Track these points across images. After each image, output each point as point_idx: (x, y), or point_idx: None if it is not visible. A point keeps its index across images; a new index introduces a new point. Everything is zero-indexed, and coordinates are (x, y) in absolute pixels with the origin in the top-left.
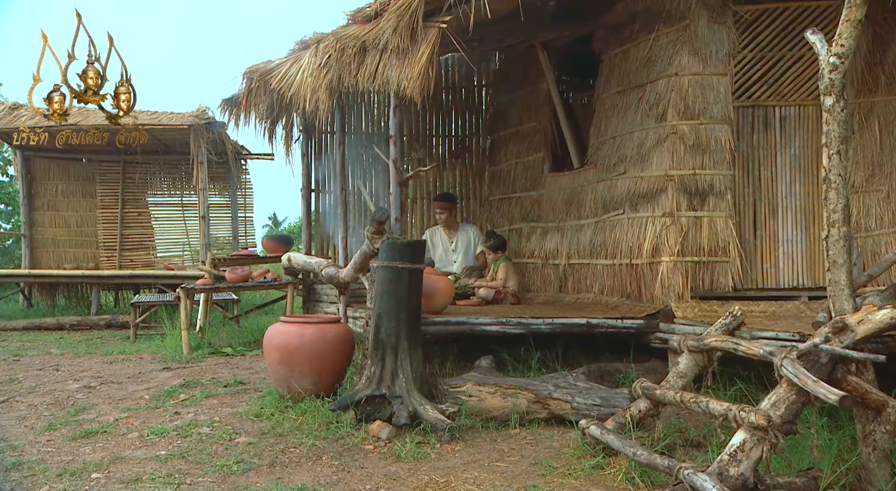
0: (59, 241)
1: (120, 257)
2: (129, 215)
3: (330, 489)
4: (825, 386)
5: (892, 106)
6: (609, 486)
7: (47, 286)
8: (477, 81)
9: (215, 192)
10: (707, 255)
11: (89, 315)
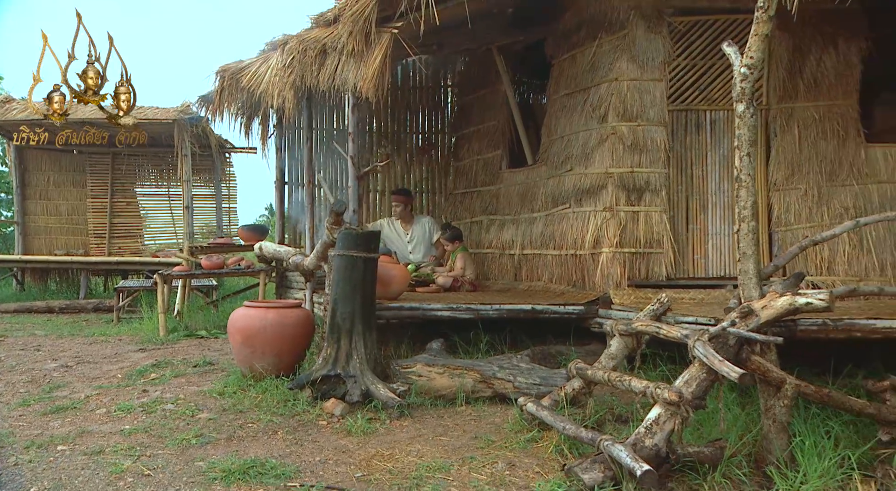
0: (51, 228)
1: (109, 245)
2: (118, 205)
3: (282, 461)
4: (729, 365)
5: (810, 112)
6: (540, 457)
7: (39, 271)
8: (443, 82)
9: (200, 183)
10: (643, 246)
11: (78, 299)
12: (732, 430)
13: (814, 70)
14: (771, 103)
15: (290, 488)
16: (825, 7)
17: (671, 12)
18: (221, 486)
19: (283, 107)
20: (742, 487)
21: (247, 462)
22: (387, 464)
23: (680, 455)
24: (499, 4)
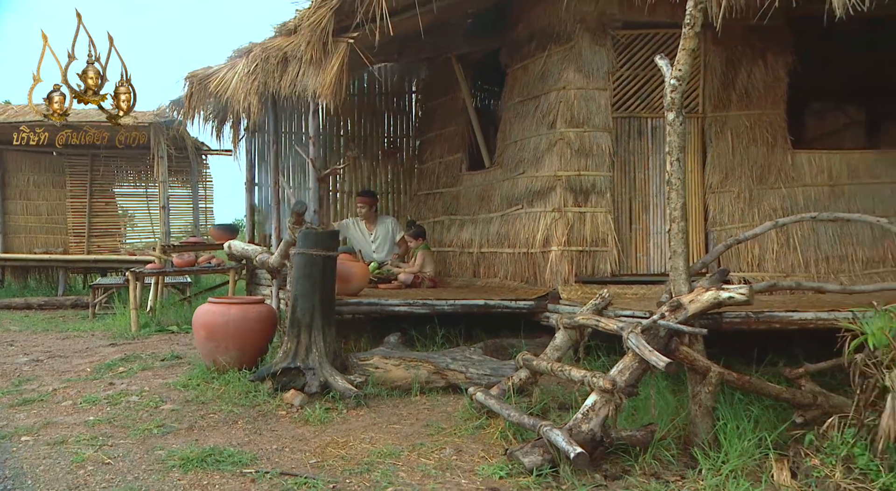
0: (31, 227)
1: (88, 243)
2: (97, 205)
3: (240, 449)
4: (657, 354)
5: (742, 120)
6: (486, 443)
7: (19, 269)
8: (408, 88)
9: (178, 184)
10: (589, 245)
11: (56, 296)
12: (663, 415)
13: (745, 82)
14: (706, 112)
15: (246, 475)
16: (754, 24)
17: (614, 26)
18: (179, 473)
19: (249, 111)
20: (669, 467)
21: (205, 450)
22: (341, 451)
23: (614, 439)
24: (455, 16)
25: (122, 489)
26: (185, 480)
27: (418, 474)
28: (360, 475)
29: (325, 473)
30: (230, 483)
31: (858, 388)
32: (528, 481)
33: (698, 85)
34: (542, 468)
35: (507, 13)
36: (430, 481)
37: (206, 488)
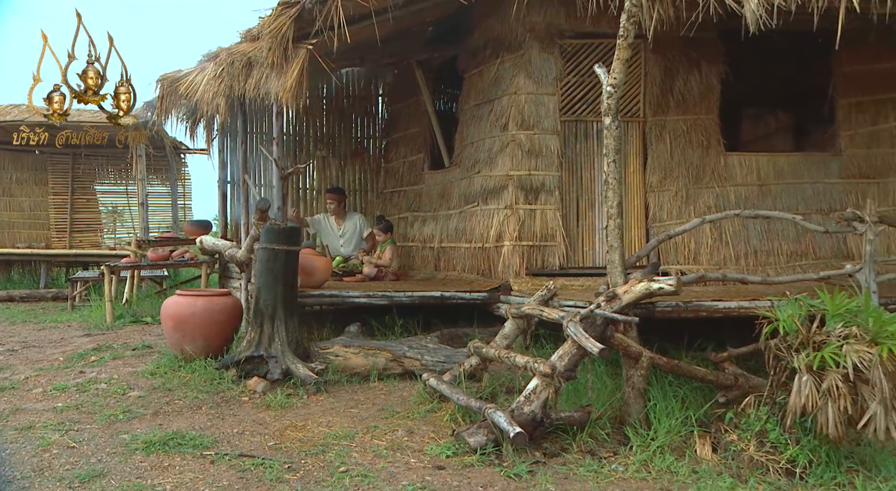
0: (14, 222)
1: (70, 238)
2: (79, 202)
3: (202, 433)
4: (592, 341)
5: (679, 124)
6: (437, 425)
7: (3, 263)
8: (374, 92)
9: (158, 182)
10: (539, 240)
11: (38, 289)
12: (600, 397)
13: (682, 89)
14: (647, 116)
15: (206, 457)
16: (689, 36)
17: (562, 36)
18: (142, 455)
19: (217, 113)
20: (604, 445)
21: (168, 434)
22: (299, 434)
23: (553, 419)
24: (415, 24)
25: (85, 471)
26: (146, 463)
27: (370, 455)
28: (315, 456)
29: (282, 455)
30: (190, 465)
31: (772, 369)
32: (473, 460)
33: (640, 91)
34: (485, 447)
35: (464, 22)
36: (381, 461)
37: (167, 470)
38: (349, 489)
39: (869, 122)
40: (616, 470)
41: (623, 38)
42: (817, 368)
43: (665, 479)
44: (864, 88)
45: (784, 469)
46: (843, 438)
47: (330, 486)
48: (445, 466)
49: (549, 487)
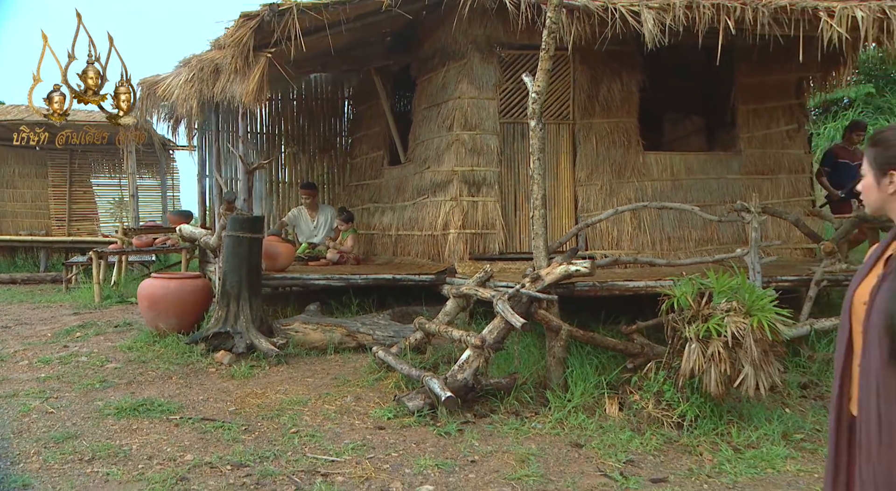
0: (17, 212)
1: (69, 227)
2: (76, 194)
3: (170, 400)
4: (516, 317)
5: (604, 126)
6: (382, 392)
7: (7, 248)
8: (341, 94)
9: (149, 175)
10: (481, 228)
11: (38, 272)
12: (526, 365)
13: (606, 95)
14: (576, 119)
15: (171, 420)
16: (611, 49)
17: (500, 47)
18: (113, 420)
19: (190, 113)
20: (528, 406)
21: (139, 401)
22: (258, 400)
23: (484, 385)
24: (371, 35)
25: (60, 433)
26: (117, 426)
27: (320, 418)
28: (270, 419)
29: (240, 418)
30: (157, 427)
31: (670, 339)
32: (411, 421)
33: (569, 98)
34: (422, 410)
35: (416, 34)
36: (329, 423)
37: (135, 432)
38: (297, 447)
39: (763, 127)
40: (535, 427)
41: (545, 51)
42: (704, 337)
43: (576, 433)
44: (758, 97)
45: (675, 423)
46: (723, 396)
47: (281, 445)
48: (386, 427)
49: (474, 443)
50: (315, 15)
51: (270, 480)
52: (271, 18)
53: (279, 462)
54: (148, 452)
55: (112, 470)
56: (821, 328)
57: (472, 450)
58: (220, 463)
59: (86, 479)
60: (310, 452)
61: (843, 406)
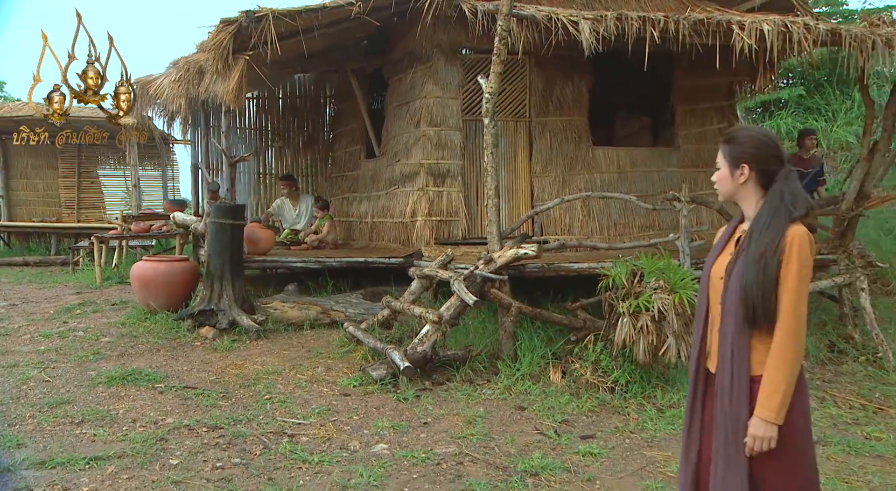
0: (30, 201)
1: (78, 214)
2: (84, 183)
3: (157, 370)
4: (469, 295)
5: (557, 124)
6: (351, 363)
7: (22, 234)
8: (323, 93)
9: (151, 167)
10: (446, 216)
11: (49, 255)
12: (480, 339)
13: (559, 95)
14: (532, 117)
15: (156, 388)
16: (563, 54)
17: (463, 51)
18: (103, 388)
19: (179, 111)
20: (481, 375)
21: (128, 371)
22: (237, 370)
23: (441, 356)
24: (346, 40)
25: (54, 399)
26: (106, 393)
27: (292, 386)
28: (247, 387)
29: (220, 386)
30: (142, 395)
31: (607, 314)
32: (374, 388)
33: (526, 98)
34: (385, 379)
35: (388, 38)
36: (300, 391)
37: (123, 398)
38: (269, 412)
39: (698, 125)
40: (485, 393)
41: (497, 56)
42: (635, 312)
43: (521, 398)
44: (694, 99)
45: (609, 387)
46: (651, 363)
47: (254, 410)
48: (351, 394)
49: (429, 407)
50: (289, 21)
51: (241, 440)
52: (248, 24)
53: (251, 425)
54: (133, 416)
55: (99, 431)
56: None
57: (426, 413)
58: (198, 425)
59: (74, 439)
60: (280, 416)
61: (700, 363)
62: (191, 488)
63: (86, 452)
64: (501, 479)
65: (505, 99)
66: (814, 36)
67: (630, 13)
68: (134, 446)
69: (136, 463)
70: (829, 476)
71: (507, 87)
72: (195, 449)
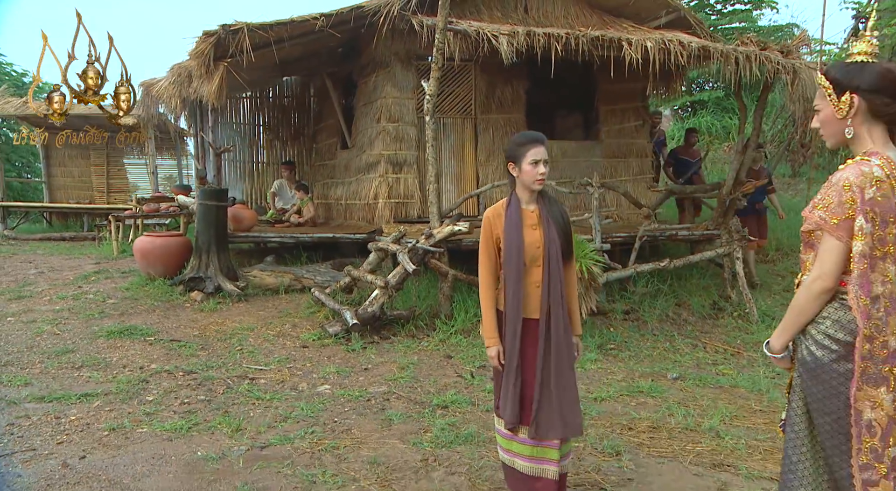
0: (67, 186)
1: (108, 197)
2: (112, 170)
3: (150, 327)
4: (410, 264)
5: (499, 121)
6: (314, 322)
7: (61, 214)
8: (308, 92)
9: (168, 157)
10: (403, 198)
11: (82, 232)
12: (423, 301)
13: (500, 96)
14: (477, 115)
15: (147, 340)
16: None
17: (417, 58)
18: (103, 340)
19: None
20: (422, 331)
21: (126, 327)
22: (217, 327)
23: (388, 316)
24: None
25: (60, 349)
26: (105, 344)
27: (261, 340)
28: (223, 341)
29: (200, 340)
30: (135, 346)
31: None
32: (329, 342)
33: (472, 98)
34: (339, 334)
35: (357, 46)
36: (266, 343)
37: (118, 348)
38: (237, 360)
39: (618, 122)
40: (422, 345)
41: (435, 64)
42: None
43: (451, 349)
44: (614, 100)
45: None
46: None
47: (225, 358)
48: (309, 346)
49: (372, 356)
50: (262, 33)
51: (209, 382)
52: (226, 36)
53: (220, 370)
54: (123, 363)
55: (93, 374)
56: (642, 271)
57: (369, 361)
58: (176, 370)
59: (72, 380)
60: (245, 364)
61: (519, 313)
62: (159, 418)
63: (79, 390)
64: (417, 411)
65: (454, 100)
66: (688, 51)
67: (537, 30)
68: (119, 386)
69: (119, 399)
70: (673, 402)
71: (455, 90)
72: (170, 389)
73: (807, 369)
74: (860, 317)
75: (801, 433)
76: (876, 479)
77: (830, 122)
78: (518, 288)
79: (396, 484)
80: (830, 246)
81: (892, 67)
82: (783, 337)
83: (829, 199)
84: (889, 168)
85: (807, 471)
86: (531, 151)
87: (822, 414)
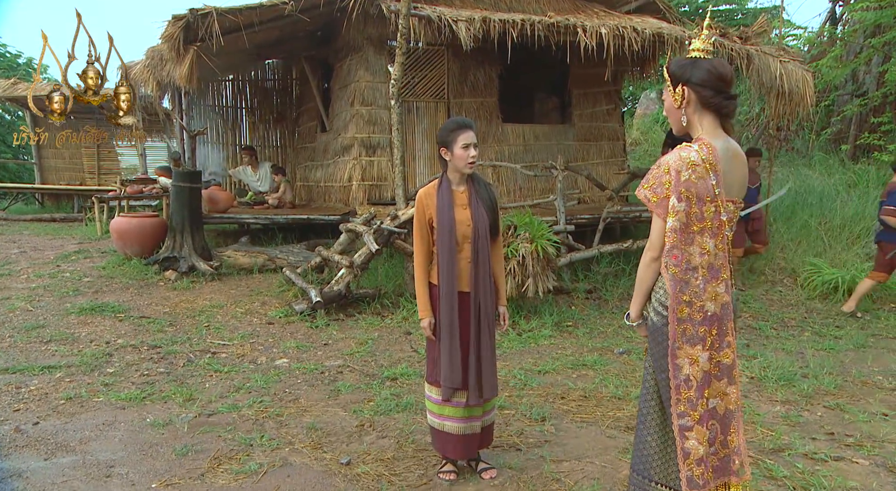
0: (59, 167)
1: (99, 179)
2: (103, 152)
3: (122, 304)
4: (374, 244)
5: (473, 104)
6: (283, 300)
7: (52, 195)
8: (290, 77)
9: (157, 138)
10: (376, 180)
11: (73, 213)
12: (389, 280)
13: (473, 80)
14: (451, 99)
15: (118, 317)
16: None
17: (389, 42)
18: (75, 316)
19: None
20: (387, 308)
21: (98, 304)
22: (188, 305)
23: (354, 294)
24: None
25: (32, 324)
26: (76, 320)
27: (229, 317)
28: (192, 318)
29: (170, 317)
30: (105, 322)
31: None
32: (295, 319)
33: (445, 82)
34: (305, 311)
35: (333, 31)
36: (234, 320)
37: (88, 324)
38: (203, 336)
39: (590, 106)
40: (385, 322)
41: (399, 49)
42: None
43: (413, 325)
44: (586, 84)
45: None
46: (518, 298)
47: (192, 334)
48: (274, 323)
49: (334, 333)
50: (232, 17)
51: (172, 356)
52: (195, 19)
53: (185, 345)
54: (91, 337)
55: (60, 348)
56: (605, 251)
57: (330, 337)
58: (141, 345)
59: (39, 354)
60: (210, 339)
61: (453, 287)
62: (116, 389)
63: (44, 362)
64: (366, 382)
65: (427, 83)
66: (642, 37)
67: (493, 16)
68: (83, 359)
69: (80, 371)
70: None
71: (428, 74)
72: (132, 362)
73: (650, 333)
74: (670, 284)
75: (651, 389)
76: (690, 425)
77: (671, 110)
78: (451, 263)
79: (328, 446)
80: (654, 221)
81: (718, 65)
82: (634, 306)
83: (653, 180)
84: (706, 153)
85: (654, 422)
86: (462, 136)
87: (660, 371)
